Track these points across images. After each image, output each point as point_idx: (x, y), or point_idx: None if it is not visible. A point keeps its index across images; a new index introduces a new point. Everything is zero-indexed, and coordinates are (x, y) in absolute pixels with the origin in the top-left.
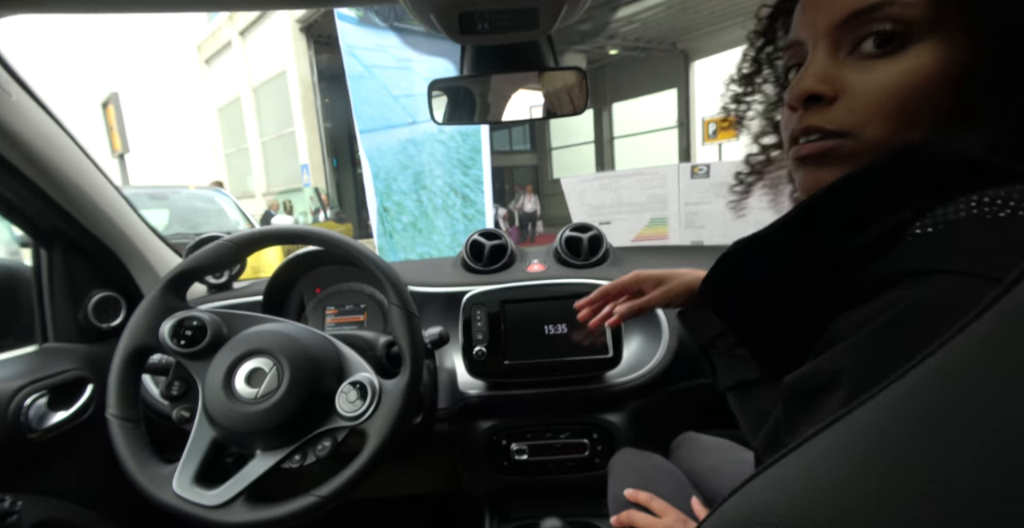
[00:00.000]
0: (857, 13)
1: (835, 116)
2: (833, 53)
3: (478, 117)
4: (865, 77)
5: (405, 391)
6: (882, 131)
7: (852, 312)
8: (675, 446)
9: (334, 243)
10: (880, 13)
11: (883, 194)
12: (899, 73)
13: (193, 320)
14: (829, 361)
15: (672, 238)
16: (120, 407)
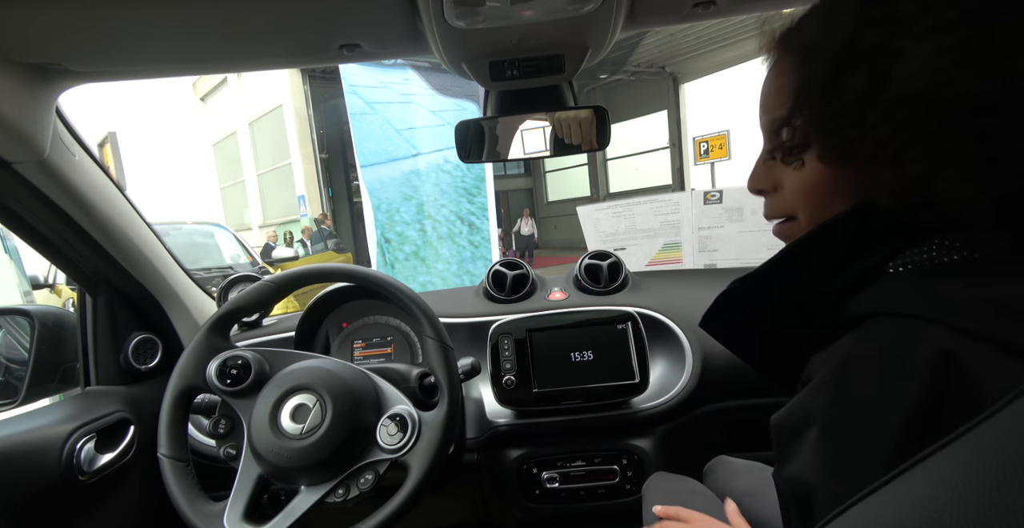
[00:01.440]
0: (770, 123)
1: (775, 204)
2: (767, 150)
3: (502, 154)
4: (788, 175)
5: (445, 422)
6: (809, 215)
7: (824, 350)
8: (708, 470)
9: (370, 279)
10: (782, 122)
11: (859, 238)
12: (805, 174)
13: (238, 359)
14: (803, 400)
15: (686, 262)
16: (171, 447)
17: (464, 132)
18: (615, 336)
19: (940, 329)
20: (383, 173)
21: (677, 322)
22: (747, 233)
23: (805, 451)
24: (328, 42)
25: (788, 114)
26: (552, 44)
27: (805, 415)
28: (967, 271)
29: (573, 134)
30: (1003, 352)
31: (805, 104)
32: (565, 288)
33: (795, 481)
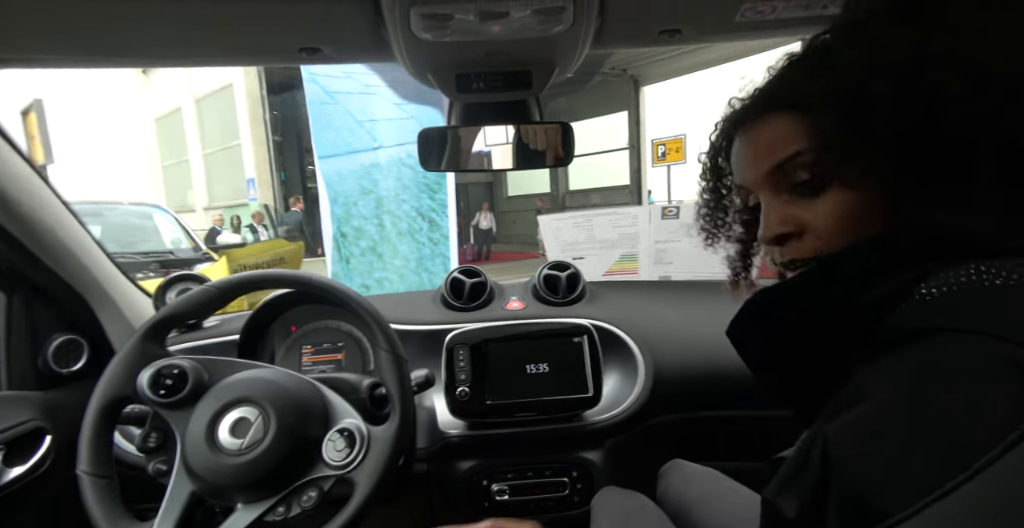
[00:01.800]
0: (777, 166)
1: (807, 246)
2: (778, 197)
3: (464, 164)
4: (813, 211)
5: (395, 437)
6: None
7: (876, 367)
8: (663, 473)
9: (324, 289)
10: (794, 163)
11: (887, 259)
12: (836, 205)
13: (173, 368)
14: (878, 409)
15: (642, 273)
16: (92, 463)
17: (426, 140)
18: (571, 349)
19: (1009, 345)
20: (342, 165)
21: (631, 335)
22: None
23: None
24: (286, 44)
25: (799, 152)
26: (520, 60)
27: (878, 426)
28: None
29: (537, 148)
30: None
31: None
32: (523, 297)
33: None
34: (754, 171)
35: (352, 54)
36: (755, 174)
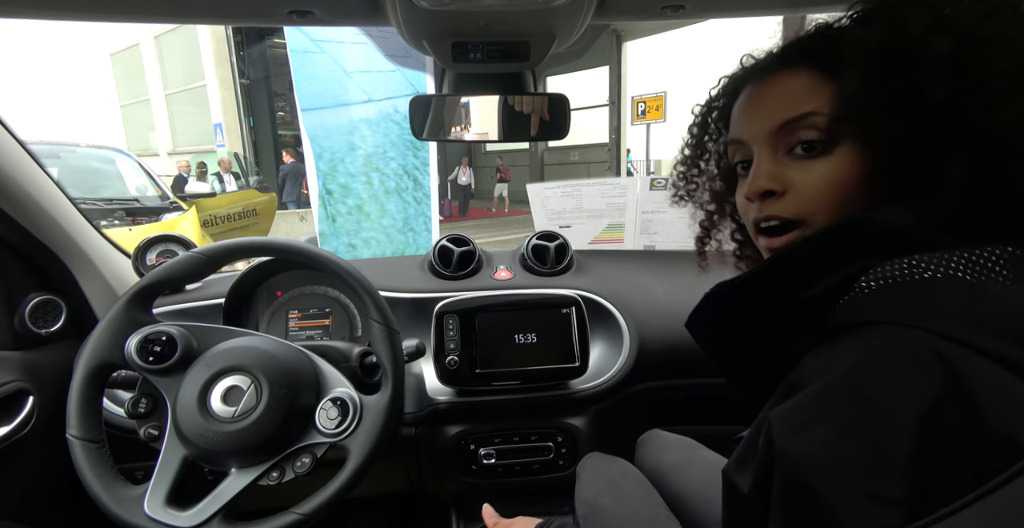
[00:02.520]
0: (786, 123)
1: (788, 206)
2: (773, 154)
3: (455, 135)
4: (805, 175)
5: (388, 407)
6: (827, 217)
7: (816, 356)
8: (641, 443)
9: (313, 258)
10: (804, 122)
11: (835, 254)
12: (830, 171)
13: (161, 335)
14: (809, 401)
15: (627, 242)
16: (82, 428)
17: (417, 108)
18: (559, 320)
19: (937, 338)
20: (328, 119)
21: (617, 306)
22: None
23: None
24: (276, 5)
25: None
26: (519, 31)
27: (812, 417)
28: (954, 286)
29: (532, 121)
30: (987, 358)
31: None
32: (511, 267)
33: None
34: (760, 125)
35: (345, 17)
36: (761, 128)
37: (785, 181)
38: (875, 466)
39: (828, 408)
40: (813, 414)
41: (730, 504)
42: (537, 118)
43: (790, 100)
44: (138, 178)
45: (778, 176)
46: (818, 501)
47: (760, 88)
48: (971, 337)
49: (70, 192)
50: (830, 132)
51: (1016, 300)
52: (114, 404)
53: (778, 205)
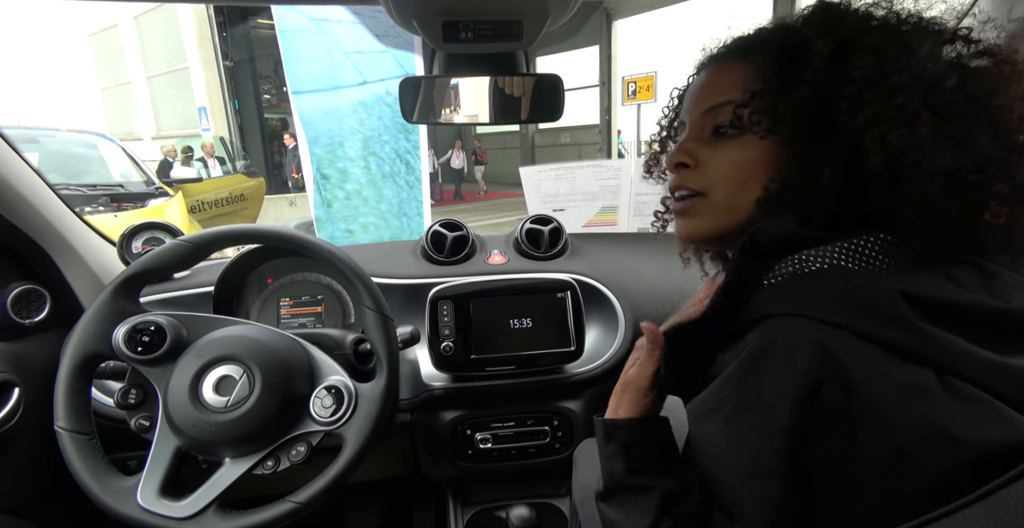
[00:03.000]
0: (710, 108)
1: (694, 178)
2: (700, 134)
3: (446, 117)
4: (714, 154)
5: (383, 395)
6: (723, 193)
7: (725, 352)
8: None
9: (303, 245)
10: (722, 109)
11: (746, 264)
12: (734, 152)
13: (150, 325)
14: (712, 391)
15: (621, 225)
16: (70, 419)
17: (407, 90)
18: (554, 304)
19: (816, 323)
20: (324, 102)
21: (612, 289)
22: None
23: (710, 438)
24: None
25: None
26: (512, 9)
27: (713, 406)
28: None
29: (524, 102)
30: (860, 338)
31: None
32: (505, 251)
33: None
34: (694, 108)
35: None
36: (694, 110)
37: (697, 156)
38: (754, 444)
39: (724, 396)
40: (713, 403)
41: None
42: (528, 100)
43: (719, 88)
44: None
45: (692, 152)
46: (717, 481)
47: (704, 76)
48: (847, 320)
49: (51, 178)
50: (737, 118)
51: (883, 281)
52: (103, 394)
53: (688, 177)
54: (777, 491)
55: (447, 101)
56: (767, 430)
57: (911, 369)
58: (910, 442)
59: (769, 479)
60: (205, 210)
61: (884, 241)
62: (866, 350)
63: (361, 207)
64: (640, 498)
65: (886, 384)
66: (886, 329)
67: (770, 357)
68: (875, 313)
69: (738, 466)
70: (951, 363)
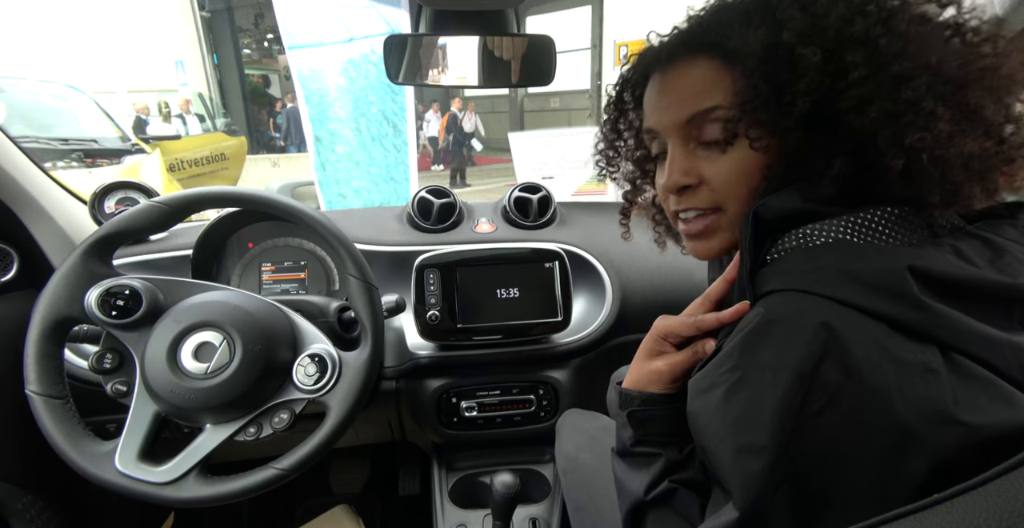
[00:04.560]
0: (693, 116)
1: (703, 197)
2: (685, 146)
3: (431, 78)
4: (716, 168)
5: (368, 364)
6: (739, 203)
7: (729, 328)
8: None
9: (285, 210)
10: (710, 116)
11: (753, 243)
12: (736, 162)
13: (124, 289)
14: (713, 366)
15: (610, 194)
16: (42, 384)
17: (392, 48)
18: (542, 274)
19: (820, 299)
20: (314, 59)
21: (600, 259)
22: None
23: (707, 414)
24: None
25: (718, 106)
26: None
27: (712, 382)
28: (838, 249)
29: (514, 65)
30: (864, 315)
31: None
32: (493, 220)
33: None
34: (669, 117)
35: None
36: (670, 120)
37: (698, 174)
38: (747, 420)
39: (722, 372)
40: (712, 379)
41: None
42: (519, 63)
43: (696, 92)
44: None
45: (691, 170)
46: (712, 456)
47: (666, 77)
48: (850, 296)
49: (18, 129)
50: (732, 126)
51: (889, 257)
52: (79, 358)
53: (694, 198)
54: (764, 468)
55: (434, 61)
56: (762, 408)
57: (915, 347)
58: (912, 421)
59: (758, 456)
60: (184, 169)
61: (890, 214)
62: (870, 327)
63: (353, 170)
64: (645, 462)
65: (889, 363)
66: (892, 305)
67: (771, 334)
68: (881, 289)
69: (729, 443)
70: (956, 340)
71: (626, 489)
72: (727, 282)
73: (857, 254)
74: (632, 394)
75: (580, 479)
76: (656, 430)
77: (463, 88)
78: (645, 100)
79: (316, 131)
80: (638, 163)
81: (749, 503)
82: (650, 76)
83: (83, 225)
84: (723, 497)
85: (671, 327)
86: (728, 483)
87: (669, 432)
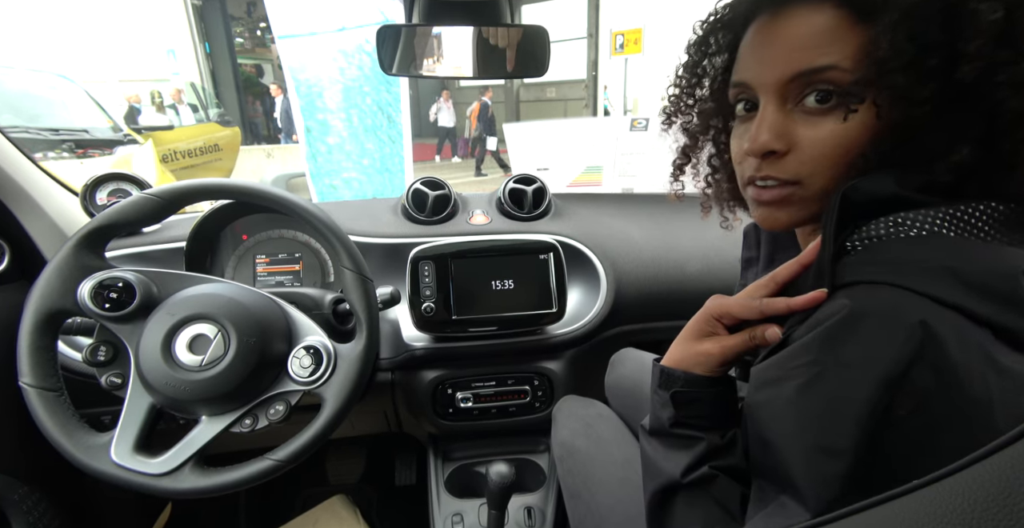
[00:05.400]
0: (801, 73)
1: (788, 167)
2: (782, 105)
3: (425, 69)
4: (812, 133)
5: (363, 356)
6: (825, 179)
7: (805, 317)
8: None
9: (279, 202)
10: (820, 76)
11: (836, 226)
12: (838, 130)
13: (117, 281)
14: (783, 358)
15: (606, 185)
16: (35, 376)
17: (385, 39)
18: (537, 265)
19: (917, 296)
20: (303, 49)
21: (595, 251)
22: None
23: (774, 408)
24: None
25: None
26: None
27: (782, 374)
28: (938, 243)
29: (509, 55)
30: (966, 318)
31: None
32: (488, 211)
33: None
34: (771, 72)
35: None
36: (771, 75)
37: (791, 139)
38: (828, 420)
39: (798, 365)
40: (784, 370)
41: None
42: (513, 53)
43: (810, 46)
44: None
45: (784, 134)
46: (772, 450)
47: (775, 23)
48: (953, 297)
49: (7, 119)
50: (849, 92)
51: (998, 258)
52: (73, 350)
53: (777, 166)
54: (842, 470)
55: (428, 52)
56: (845, 408)
57: (1021, 358)
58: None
59: (839, 459)
60: (178, 160)
61: (996, 211)
62: (973, 332)
63: (344, 161)
64: (683, 444)
65: (991, 371)
66: (1000, 311)
67: (860, 329)
68: (989, 291)
69: (804, 441)
70: None
71: (659, 469)
72: (801, 265)
73: (963, 251)
74: (676, 374)
75: (575, 466)
76: (698, 413)
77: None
78: (742, 50)
79: (307, 121)
80: (704, 116)
81: (824, 506)
82: (753, 19)
83: (75, 217)
84: (772, 492)
85: (728, 307)
86: (798, 481)
87: (711, 415)
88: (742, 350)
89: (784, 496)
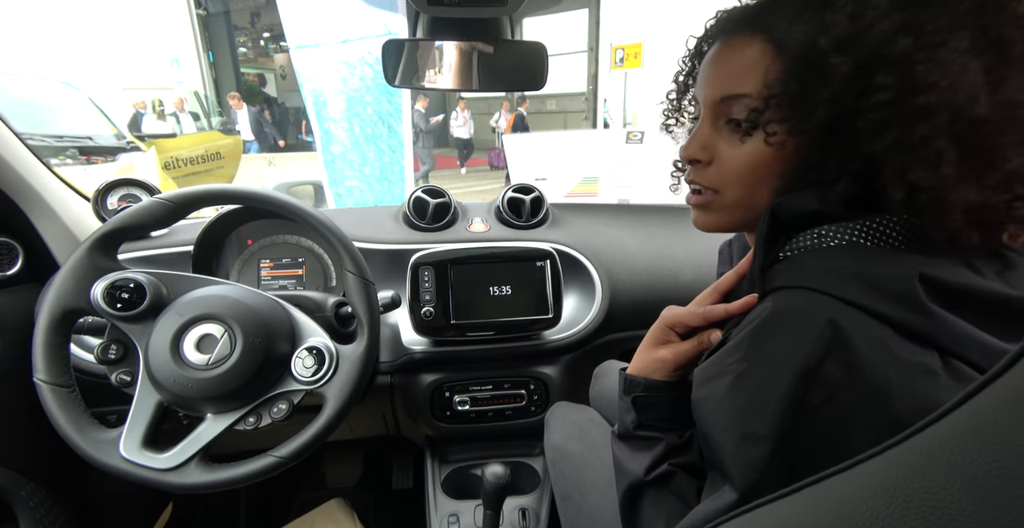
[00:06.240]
0: (726, 98)
1: (709, 176)
2: (715, 121)
3: (427, 82)
4: (729, 149)
5: (364, 357)
6: (739, 192)
7: (738, 319)
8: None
9: (285, 208)
10: (738, 102)
11: (767, 239)
12: (754, 151)
13: (129, 282)
14: (719, 356)
15: (601, 196)
16: (50, 373)
17: (390, 52)
18: (534, 272)
19: (829, 299)
20: (315, 59)
21: (591, 259)
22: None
23: (712, 402)
24: None
25: (748, 94)
26: None
27: (718, 371)
28: (852, 252)
29: (508, 70)
30: (870, 316)
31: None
32: (487, 219)
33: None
34: (708, 92)
35: None
36: (707, 95)
37: (713, 152)
38: (752, 409)
39: (730, 362)
40: (720, 367)
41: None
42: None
43: (736, 74)
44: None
45: (708, 146)
46: (713, 443)
47: (721, 49)
48: (860, 298)
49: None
50: (754, 116)
51: (900, 263)
52: (83, 350)
53: (703, 174)
54: (764, 454)
55: (431, 64)
56: (766, 399)
57: (917, 349)
58: (909, 416)
59: (760, 444)
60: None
61: (905, 221)
62: (876, 328)
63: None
64: (646, 445)
65: (891, 362)
66: (898, 309)
67: (779, 328)
68: (890, 293)
69: (734, 430)
70: (957, 347)
71: (626, 469)
72: (737, 275)
73: (870, 258)
74: (636, 380)
75: (567, 469)
76: (658, 415)
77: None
78: (701, 66)
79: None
80: (690, 120)
81: (748, 487)
82: (714, 42)
83: (86, 221)
84: (719, 480)
85: (679, 317)
86: (728, 467)
87: (670, 418)
88: (694, 354)
89: (722, 482)
